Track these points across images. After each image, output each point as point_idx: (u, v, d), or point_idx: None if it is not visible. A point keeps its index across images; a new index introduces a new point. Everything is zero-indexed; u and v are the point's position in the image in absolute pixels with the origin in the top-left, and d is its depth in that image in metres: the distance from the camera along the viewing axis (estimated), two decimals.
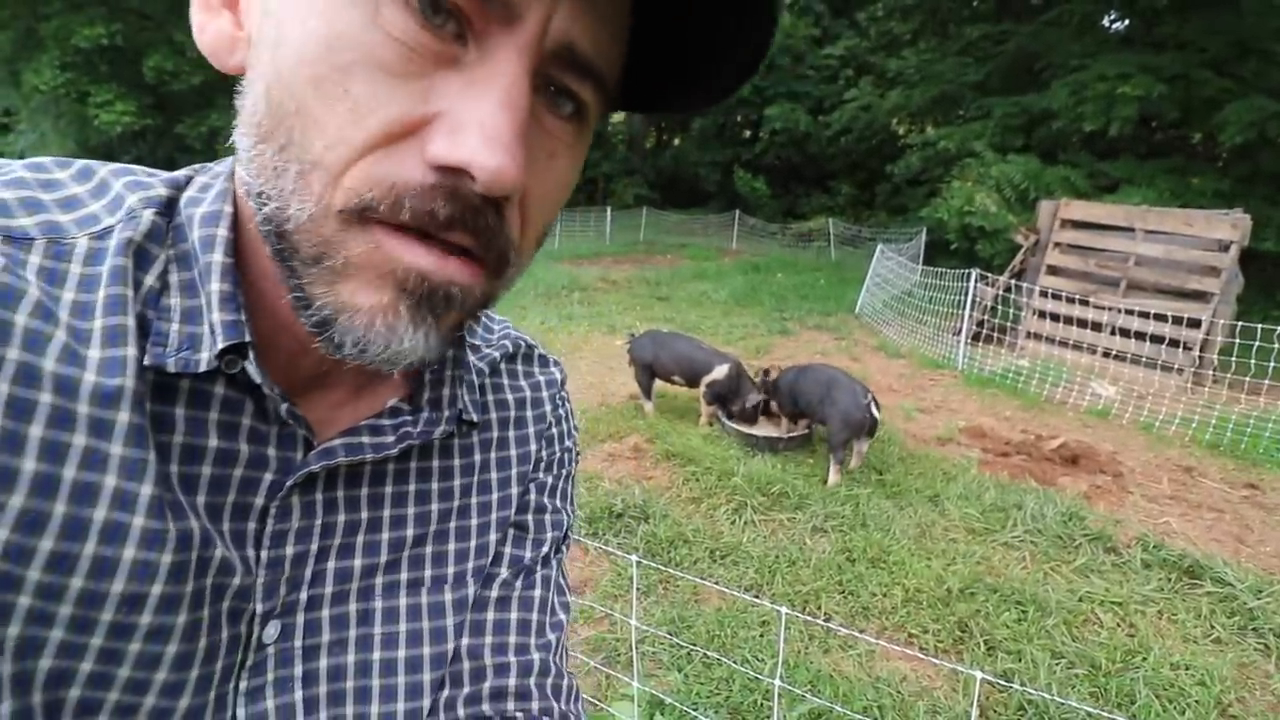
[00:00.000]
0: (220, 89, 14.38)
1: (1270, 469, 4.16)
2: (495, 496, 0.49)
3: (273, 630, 0.38)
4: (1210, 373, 5.69)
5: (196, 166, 0.39)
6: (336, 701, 0.40)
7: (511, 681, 0.46)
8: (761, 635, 2.47)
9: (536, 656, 0.48)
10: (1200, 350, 5.74)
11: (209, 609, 0.34)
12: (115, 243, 0.33)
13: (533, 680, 0.47)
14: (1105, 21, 12.43)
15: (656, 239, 15.61)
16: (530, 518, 0.51)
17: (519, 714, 0.45)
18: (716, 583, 2.76)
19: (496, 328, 0.54)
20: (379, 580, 0.42)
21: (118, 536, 0.30)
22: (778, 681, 1.69)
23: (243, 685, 0.37)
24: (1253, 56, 9.57)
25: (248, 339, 0.33)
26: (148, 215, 0.34)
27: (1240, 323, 5.06)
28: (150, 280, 0.34)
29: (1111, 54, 10.26)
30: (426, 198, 0.29)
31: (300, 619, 0.39)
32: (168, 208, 0.36)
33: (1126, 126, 9.38)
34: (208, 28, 0.34)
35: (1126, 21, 12.25)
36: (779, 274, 11.10)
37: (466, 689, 0.45)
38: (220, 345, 0.33)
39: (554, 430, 0.54)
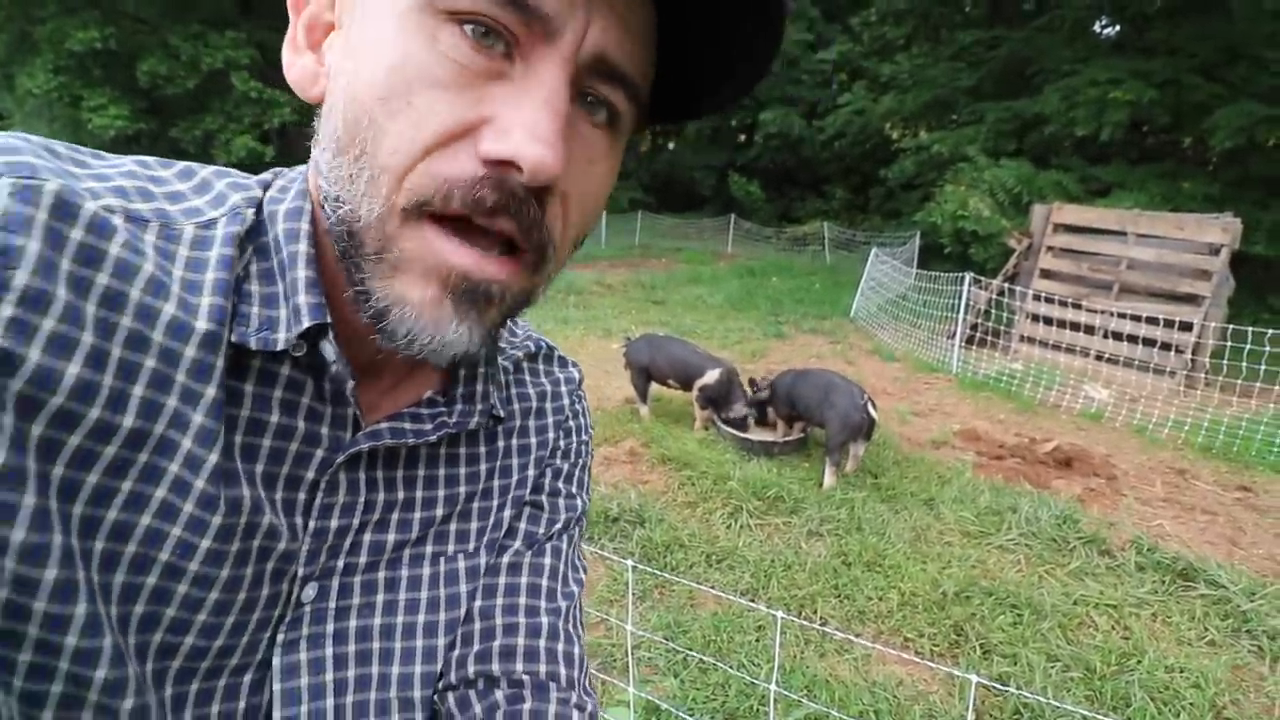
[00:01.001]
0: (214, 93, 14.35)
1: (1262, 471, 4.19)
2: (514, 479, 0.53)
3: (311, 591, 0.41)
4: (1202, 375, 5.73)
5: (276, 170, 0.44)
6: (363, 661, 0.43)
7: (520, 641, 0.48)
8: (757, 640, 2.47)
9: (545, 620, 0.50)
10: (1192, 353, 5.78)
11: (253, 567, 0.38)
12: (222, 234, 0.37)
13: (542, 643, 0.49)
14: (1096, 27, 12.55)
15: (652, 243, 15.64)
16: (545, 498, 0.55)
17: (525, 676, 0.47)
18: (712, 587, 2.76)
19: (520, 330, 0.58)
20: (407, 552, 0.46)
21: (183, 491, 0.34)
22: (774, 686, 1.69)
23: (280, 637, 0.41)
24: (1242, 62, 9.66)
25: (329, 320, 0.37)
26: (249, 214, 0.39)
27: (1231, 325, 5.10)
28: (237, 269, 0.37)
29: (1102, 59, 10.36)
30: (475, 188, 0.33)
31: (336, 583, 0.43)
32: (259, 206, 0.40)
33: (1118, 131, 9.46)
34: (295, 65, 0.39)
35: (1117, 27, 12.37)
36: (774, 278, 11.13)
37: (476, 647, 0.48)
38: (306, 324, 0.37)
39: (571, 423, 0.58)
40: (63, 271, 0.30)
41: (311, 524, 0.41)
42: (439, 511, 0.47)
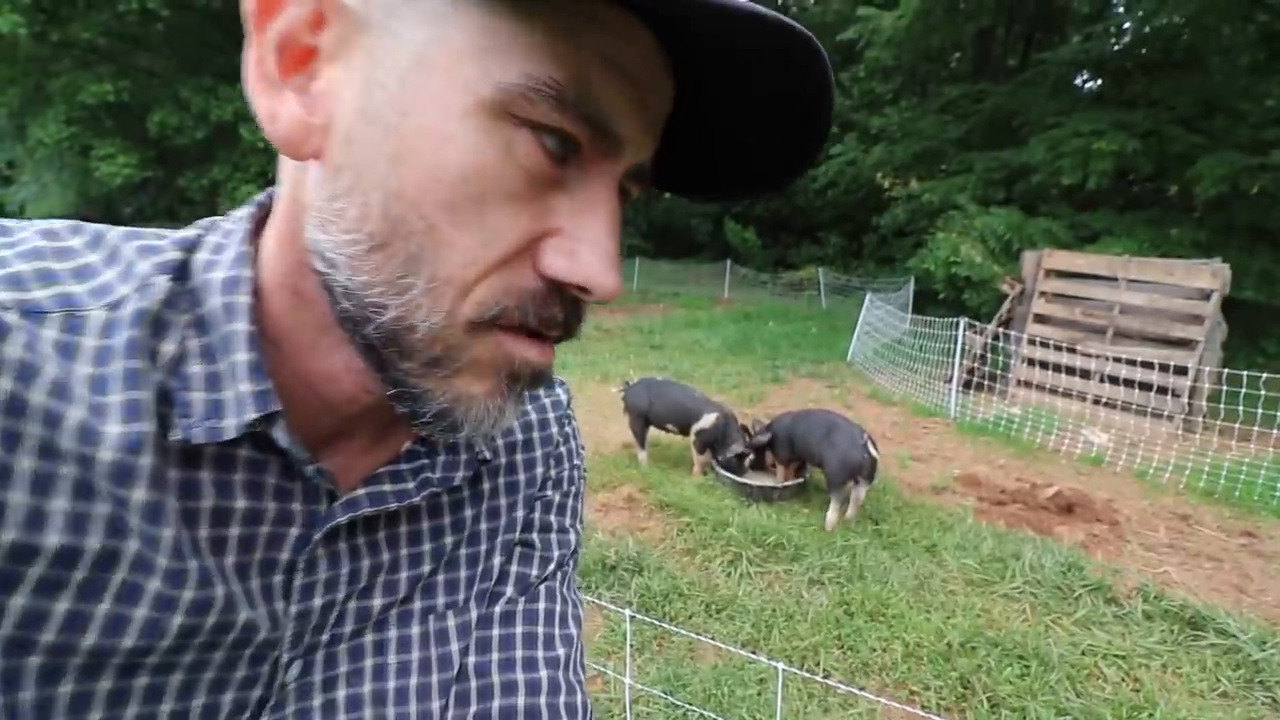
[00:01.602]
0: (222, 144, 14.70)
1: (1266, 516, 4.15)
2: (503, 521, 0.49)
3: (294, 671, 0.38)
4: (1200, 419, 5.72)
5: (204, 223, 0.39)
6: None
7: (520, 701, 0.45)
8: (759, 693, 2.40)
9: (545, 673, 0.47)
10: (1189, 397, 5.79)
11: (225, 652, 0.35)
12: (130, 313, 0.32)
13: (543, 699, 0.46)
14: (1078, 81, 12.99)
15: (649, 288, 15.80)
16: (537, 536, 0.51)
17: None
18: (713, 638, 2.70)
19: None
20: (394, 612, 0.43)
21: (131, 599, 0.31)
22: None
23: None
24: (1220, 113, 9.99)
25: (277, 408, 0.34)
26: (161, 282, 0.34)
27: (1226, 370, 5.12)
28: (170, 348, 0.33)
29: (1085, 111, 10.68)
30: (546, 305, 0.33)
31: (321, 655, 0.40)
32: (181, 271, 0.35)
33: (1104, 180, 9.69)
34: (277, 114, 0.31)
35: (1099, 81, 12.80)
36: (771, 322, 11.21)
37: (474, 708, 0.44)
38: (249, 416, 0.33)
39: (561, 449, 0.54)
40: None
41: (294, 608, 0.38)
42: (425, 568, 0.44)
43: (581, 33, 0.29)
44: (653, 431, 4.66)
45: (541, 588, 0.50)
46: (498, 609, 0.48)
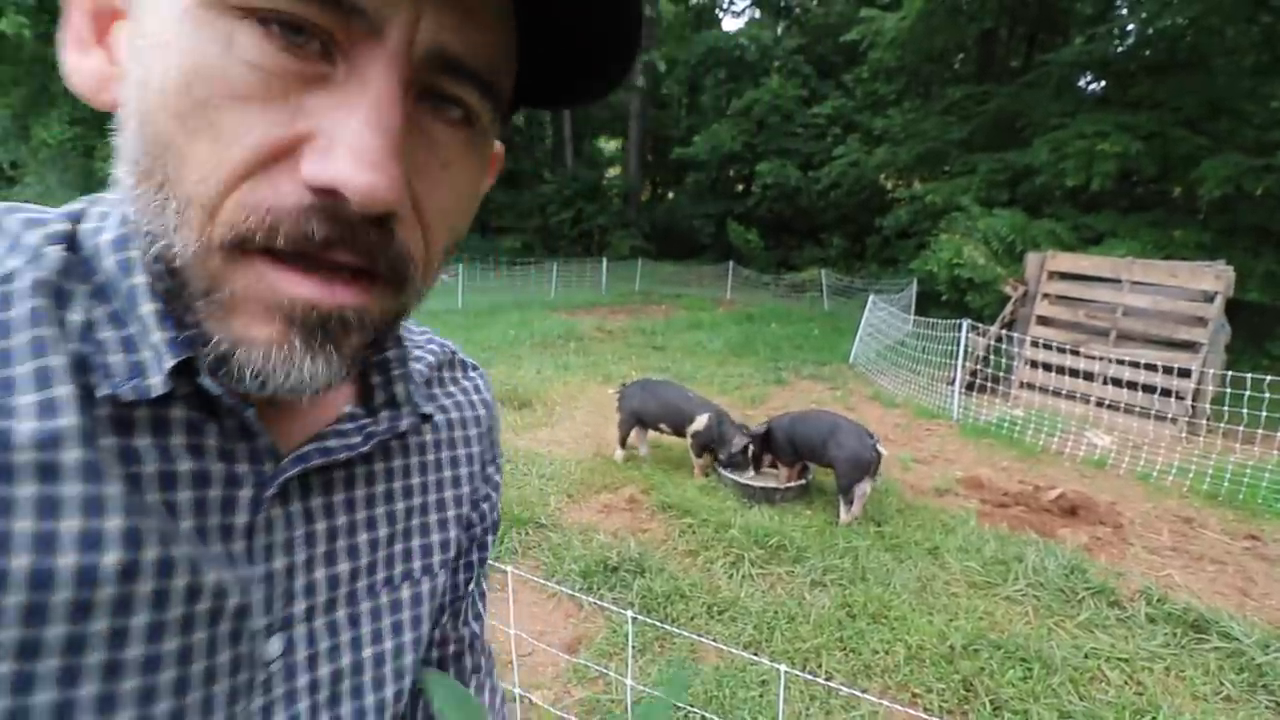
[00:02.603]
0: None
1: (1270, 519, 4.13)
2: (450, 493, 0.51)
3: (276, 646, 0.38)
4: (1204, 422, 5.71)
5: (89, 197, 0.38)
6: (335, 703, 0.42)
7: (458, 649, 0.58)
8: (761, 695, 2.40)
9: (474, 626, 0.59)
10: (1193, 400, 5.77)
11: (205, 632, 0.34)
12: (25, 285, 0.31)
13: (468, 646, 0.59)
14: (1081, 83, 12.95)
15: (652, 289, 15.80)
16: (481, 508, 0.57)
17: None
18: (714, 640, 2.69)
19: (418, 335, 0.55)
20: (362, 583, 0.44)
21: (90, 577, 0.29)
22: None
23: (256, 704, 0.37)
24: (1224, 115, 9.96)
25: (192, 354, 0.32)
26: (53, 252, 0.33)
27: (1230, 372, 5.10)
28: (76, 317, 0.32)
29: (1089, 113, 10.66)
30: (301, 220, 0.28)
31: (300, 630, 0.40)
32: (71, 242, 0.34)
33: (1107, 181, 9.66)
34: (81, 67, 0.33)
35: (1102, 83, 12.77)
36: (773, 324, 11.20)
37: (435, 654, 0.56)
38: (169, 363, 0.32)
39: (493, 426, 0.58)
40: None
41: (258, 569, 0.37)
42: (381, 532, 0.45)
43: None
44: (653, 434, 4.68)
45: (475, 559, 0.57)
46: (456, 574, 0.54)
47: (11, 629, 0.27)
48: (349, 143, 0.28)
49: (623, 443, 4.66)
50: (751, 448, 4.29)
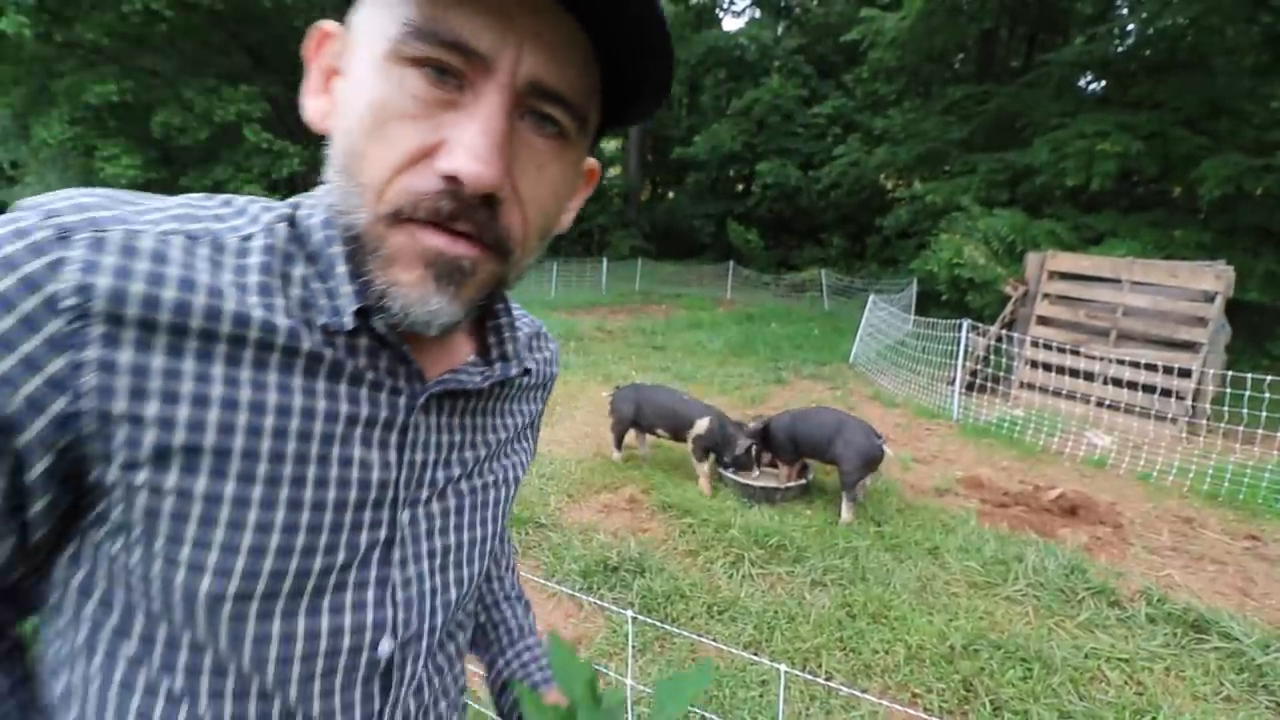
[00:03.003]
0: (225, 144, 14.73)
1: (1271, 519, 4.13)
2: (525, 435, 0.68)
3: (406, 516, 0.52)
4: (1204, 422, 5.70)
5: (302, 195, 0.52)
6: (444, 569, 0.56)
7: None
8: (761, 695, 2.40)
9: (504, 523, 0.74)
10: (1193, 400, 5.77)
11: (354, 492, 0.48)
12: (260, 244, 0.46)
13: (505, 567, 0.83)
14: (1082, 82, 12.94)
15: (652, 289, 15.80)
16: (530, 444, 0.71)
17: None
18: (714, 640, 2.69)
19: (518, 312, 0.69)
20: (465, 484, 0.58)
21: (283, 433, 0.44)
22: None
23: (395, 555, 0.52)
24: (1224, 115, 9.94)
25: (369, 303, 0.45)
26: (281, 228, 0.48)
27: (1231, 372, 5.10)
28: (298, 271, 0.47)
29: (1089, 113, 10.64)
30: (435, 199, 0.41)
31: (422, 510, 0.54)
32: (291, 222, 0.49)
33: (1107, 181, 9.64)
34: (311, 106, 0.48)
35: (1102, 83, 12.76)
36: (773, 324, 11.20)
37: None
38: (353, 307, 0.45)
39: (551, 386, 0.74)
40: (132, 294, 0.39)
41: (405, 456, 0.51)
42: (482, 450, 0.60)
43: None
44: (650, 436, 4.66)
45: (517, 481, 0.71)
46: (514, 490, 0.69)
47: (236, 462, 0.43)
48: (465, 144, 0.40)
49: (618, 445, 4.63)
50: (755, 444, 4.26)
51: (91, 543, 0.43)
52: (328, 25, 0.49)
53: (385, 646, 0.51)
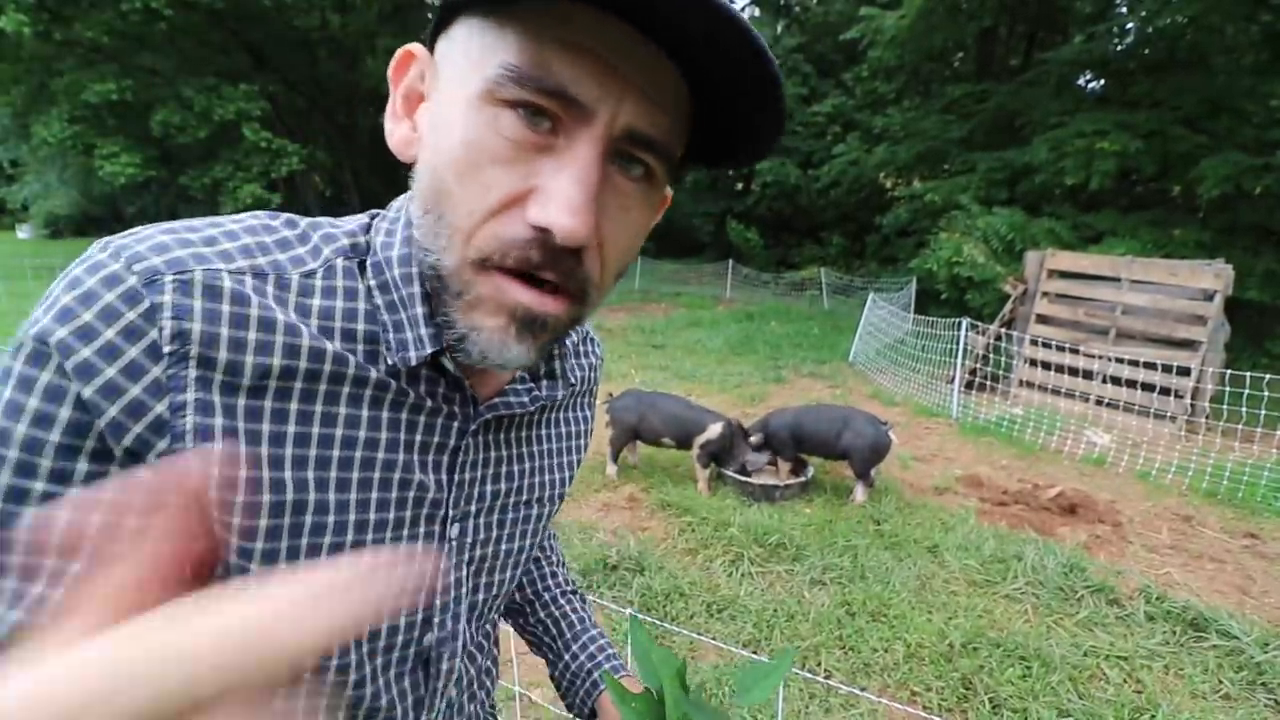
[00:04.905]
0: (224, 143, 14.71)
1: (1269, 518, 4.14)
2: (572, 443, 0.69)
3: (454, 530, 0.56)
4: (1203, 420, 5.70)
5: (372, 212, 0.54)
6: (486, 573, 0.61)
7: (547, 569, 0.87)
8: None
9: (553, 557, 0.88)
10: (1192, 398, 5.77)
11: (410, 511, 0.51)
12: (320, 285, 0.47)
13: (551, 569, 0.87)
14: (1081, 81, 12.93)
15: (651, 288, 15.79)
16: (578, 457, 0.73)
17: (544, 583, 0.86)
18: (714, 638, 2.70)
19: None
20: (509, 500, 0.60)
21: (349, 463, 0.47)
22: None
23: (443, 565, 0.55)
24: (1224, 114, 9.94)
25: (443, 345, 0.47)
26: (340, 264, 0.48)
27: (1230, 370, 5.10)
28: (363, 305, 0.48)
29: (1088, 112, 10.64)
30: (524, 248, 0.41)
31: (469, 524, 0.57)
32: (353, 250, 0.49)
33: (1107, 180, 9.64)
34: (395, 133, 0.48)
35: (1101, 82, 12.75)
36: (773, 322, 11.20)
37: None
38: (427, 351, 0.47)
39: (596, 391, 0.75)
40: (223, 337, 0.41)
41: (457, 477, 0.54)
42: (527, 466, 0.62)
43: (546, 28, 0.38)
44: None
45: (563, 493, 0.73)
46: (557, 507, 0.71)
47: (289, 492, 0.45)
48: (559, 196, 0.39)
49: (615, 458, 4.36)
50: (768, 455, 4.20)
51: None
52: (414, 48, 0.47)
53: (428, 640, 0.56)
